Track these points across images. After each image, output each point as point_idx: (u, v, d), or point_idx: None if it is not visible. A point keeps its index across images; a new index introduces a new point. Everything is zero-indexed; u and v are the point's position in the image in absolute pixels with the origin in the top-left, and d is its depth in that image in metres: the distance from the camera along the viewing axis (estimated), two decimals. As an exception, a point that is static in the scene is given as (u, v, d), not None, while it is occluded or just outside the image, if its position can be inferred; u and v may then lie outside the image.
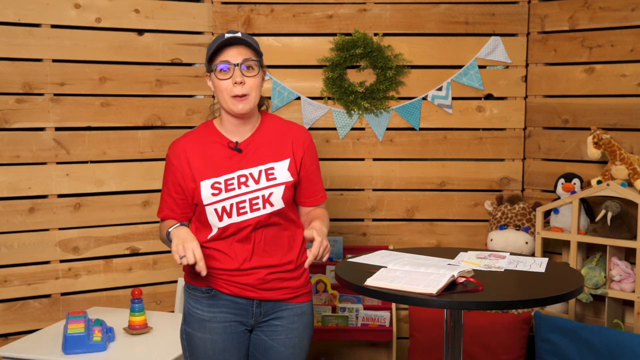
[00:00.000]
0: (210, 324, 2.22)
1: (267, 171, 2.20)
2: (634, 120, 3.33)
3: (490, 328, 3.34)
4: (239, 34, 2.16)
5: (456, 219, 3.73)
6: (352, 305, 3.53)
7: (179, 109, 3.53)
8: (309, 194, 2.31)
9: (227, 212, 2.17)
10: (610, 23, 3.36)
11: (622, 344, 3.01)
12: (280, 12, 3.59)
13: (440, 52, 3.62)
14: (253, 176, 2.19)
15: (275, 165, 2.21)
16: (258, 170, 2.20)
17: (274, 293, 2.23)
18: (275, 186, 2.19)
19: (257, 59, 2.17)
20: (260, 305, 2.23)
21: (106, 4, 3.34)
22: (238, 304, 2.22)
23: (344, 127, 3.64)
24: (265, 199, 2.18)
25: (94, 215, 3.39)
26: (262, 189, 2.18)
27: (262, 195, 2.18)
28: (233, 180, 2.18)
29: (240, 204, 2.17)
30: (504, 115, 3.67)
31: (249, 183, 2.18)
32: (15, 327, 3.26)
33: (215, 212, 2.18)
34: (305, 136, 2.29)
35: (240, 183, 2.18)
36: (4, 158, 3.20)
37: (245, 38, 2.15)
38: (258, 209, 2.18)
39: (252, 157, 2.21)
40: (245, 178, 2.19)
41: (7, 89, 3.18)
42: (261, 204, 2.18)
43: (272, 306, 2.24)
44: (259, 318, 2.25)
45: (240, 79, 2.13)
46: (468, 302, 1.98)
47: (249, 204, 2.17)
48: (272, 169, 2.20)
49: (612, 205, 3.14)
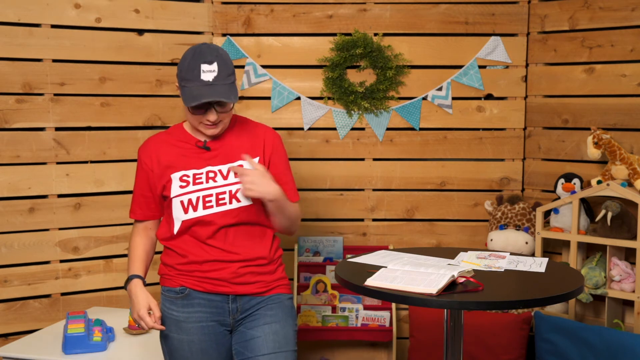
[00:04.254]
0: (185, 324, 2.22)
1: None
2: (634, 120, 3.33)
3: (490, 328, 3.34)
4: (215, 68, 2.13)
5: (456, 219, 3.73)
6: (352, 305, 3.53)
7: (179, 109, 3.53)
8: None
9: (193, 205, 2.19)
10: (610, 23, 3.36)
11: (622, 344, 3.01)
12: (280, 12, 3.59)
13: (440, 52, 3.62)
14: (222, 172, 2.22)
15: (245, 163, 2.22)
16: (227, 167, 2.22)
17: (248, 287, 2.23)
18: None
19: (232, 100, 2.17)
20: (236, 301, 2.23)
21: (106, 4, 3.34)
22: (213, 302, 2.22)
23: (344, 127, 3.64)
24: (232, 195, 2.19)
25: (94, 215, 3.39)
26: (229, 185, 2.20)
27: (229, 190, 2.20)
28: (201, 175, 2.21)
29: (206, 198, 2.19)
30: (504, 115, 3.67)
31: (217, 179, 2.21)
32: (15, 327, 3.26)
33: (182, 205, 2.20)
34: (273, 136, 2.33)
35: (208, 178, 2.21)
36: (4, 158, 3.20)
37: (220, 85, 2.13)
38: (224, 203, 2.19)
39: (221, 156, 2.24)
40: (213, 174, 2.22)
41: (7, 89, 3.18)
42: (227, 199, 2.19)
43: (247, 301, 2.24)
44: (236, 315, 2.24)
45: (214, 119, 2.17)
46: (468, 302, 1.98)
47: (215, 199, 2.19)
48: (241, 167, 2.21)
49: (612, 205, 3.14)
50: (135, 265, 2.29)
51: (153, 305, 2.19)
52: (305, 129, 3.64)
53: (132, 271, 2.28)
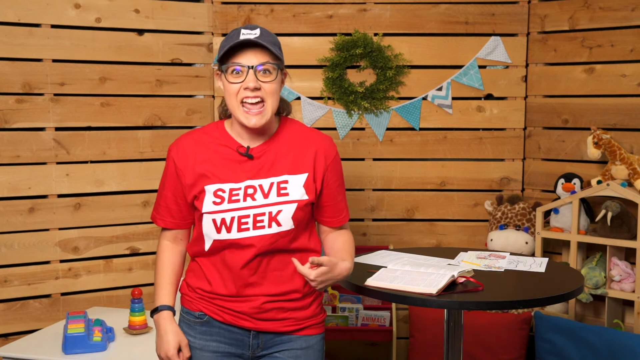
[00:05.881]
0: (200, 352, 1.99)
1: (279, 184, 1.92)
2: (634, 120, 3.33)
3: (490, 328, 3.34)
4: (257, 32, 1.88)
5: (456, 219, 3.72)
6: (352, 305, 3.53)
7: (179, 109, 3.53)
8: (332, 213, 2.04)
9: (227, 226, 1.91)
10: (610, 23, 3.36)
11: (622, 344, 3.01)
12: (280, 12, 3.59)
13: (440, 52, 3.62)
14: (262, 189, 1.91)
15: (290, 178, 1.93)
16: (269, 182, 1.92)
17: (273, 324, 1.96)
18: (285, 203, 1.91)
19: (275, 62, 1.90)
20: (258, 337, 1.98)
21: (106, 4, 3.34)
22: (233, 333, 1.98)
23: (344, 127, 3.64)
24: (271, 217, 1.90)
25: (94, 215, 3.39)
26: (270, 205, 1.90)
27: (269, 212, 1.90)
28: (239, 190, 1.91)
29: (242, 219, 1.90)
30: (504, 115, 3.67)
31: (257, 196, 1.91)
32: (15, 327, 3.26)
33: (214, 223, 1.92)
34: (330, 149, 2.00)
35: (246, 195, 1.91)
36: (4, 158, 3.20)
37: (263, 42, 1.86)
38: (262, 227, 1.90)
39: (264, 167, 1.93)
40: (253, 190, 1.91)
41: (7, 89, 3.18)
42: (266, 222, 1.90)
43: (271, 338, 1.98)
44: (257, 351, 1.99)
45: (254, 84, 1.86)
46: (468, 302, 1.98)
47: (252, 220, 1.90)
48: (286, 183, 1.92)
49: (612, 205, 3.14)
50: (164, 292, 2.02)
51: (183, 345, 1.97)
52: (305, 129, 3.64)
53: (161, 299, 2.01)
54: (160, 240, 2.09)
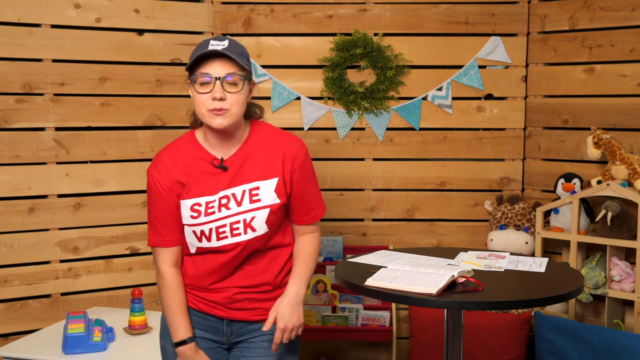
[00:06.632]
0: None
1: (251, 191, 2.00)
2: (634, 120, 3.33)
3: (490, 328, 3.34)
4: (226, 43, 1.94)
5: (456, 219, 3.73)
6: (352, 305, 3.53)
7: (179, 109, 3.53)
8: (300, 212, 2.11)
9: (206, 236, 2.01)
10: (610, 23, 3.36)
11: (622, 344, 3.01)
12: (280, 12, 3.59)
13: (440, 52, 3.62)
14: (235, 197, 2.00)
15: (261, 184, 2.01)
16: (241, 190, 2.00)
17: (244, 313, 2.08)
18: (258, 209, 2.00)
19: (242, 74, 1.94)
20: (231, 325, 2.10)
21: (106, 4, 3.34)
22: (208, 321, 2.10)
23: (344, 127, 3.64)
24: (246, 224, 2.00)
25: (94, 215, 3.39)
26: (243, 212, 1.99)
27: (243, 219, 1.99)
28: (214, 202, 2.00)
29: (219, 229, 2.00)
30: (504, 115, 3.67)
31: (231, 205, 1.99)
32: (15, 327, 3.26)
33: (194, 234, 2.02)
34: (298, 151, 2.06)
35: (220, 205, 1.99)
36: (4, 158, 3.20)
37: (230, 53, 1.92)
38: (239, 234, 2.00)
39: (236, 175, 2.01)
40: (227, 199, 2.00)
41: (7, 89, 3.18)
42: (242, 229, 2.00)
43: (243, 326, 2.10)
44: (231, 337, 2.12)
45: (220, 95, 1.91)
46: (468, 302, 1.98)
47: (229, 229, 2.00)
48: (257, 189, 2.00)
49: (612, 205, 3.14)
50: (183, 323, 2.06)
51: None
52: (305, 129, 3.64)
53: (183, 331, 2.06)
54: (160, 268, 2.09)
